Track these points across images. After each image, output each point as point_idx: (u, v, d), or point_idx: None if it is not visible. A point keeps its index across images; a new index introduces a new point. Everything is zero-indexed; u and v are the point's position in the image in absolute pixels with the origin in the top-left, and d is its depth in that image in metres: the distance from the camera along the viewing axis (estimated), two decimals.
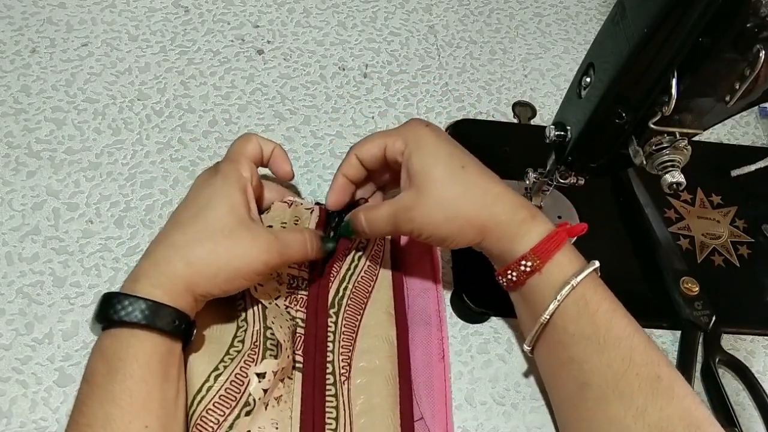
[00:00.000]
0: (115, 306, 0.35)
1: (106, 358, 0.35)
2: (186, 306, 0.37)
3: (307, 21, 0.66)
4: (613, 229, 0.55)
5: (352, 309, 0.44)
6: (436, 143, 0.41)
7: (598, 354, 0.37)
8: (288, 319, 0.42)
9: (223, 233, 0.38)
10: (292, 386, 0.40)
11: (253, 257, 0.38)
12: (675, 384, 0.36)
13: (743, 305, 0.52)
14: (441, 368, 0.44)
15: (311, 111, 0.59)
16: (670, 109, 0.37)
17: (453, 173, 0.40)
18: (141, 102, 0.57)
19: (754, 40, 0.33)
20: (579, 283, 0.38)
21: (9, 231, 0.48)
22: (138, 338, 0.35)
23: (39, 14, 0.61)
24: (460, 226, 0.40)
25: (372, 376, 0.41)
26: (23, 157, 0.52)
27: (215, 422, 0.36)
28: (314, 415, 0.39)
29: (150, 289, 0.36)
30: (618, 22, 0.37)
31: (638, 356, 0.37)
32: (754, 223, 0.57)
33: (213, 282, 0.37)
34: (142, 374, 0.34)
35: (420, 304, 0.47)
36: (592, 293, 0.39)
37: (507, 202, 0.40)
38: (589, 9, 0.73)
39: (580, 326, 0.38)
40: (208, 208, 0.39)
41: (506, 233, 0.40)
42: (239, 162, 0.42)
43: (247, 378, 0.38)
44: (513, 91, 0.64)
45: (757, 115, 0.67)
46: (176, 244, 0.38)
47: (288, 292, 0.44)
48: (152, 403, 0.34)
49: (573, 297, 0.38)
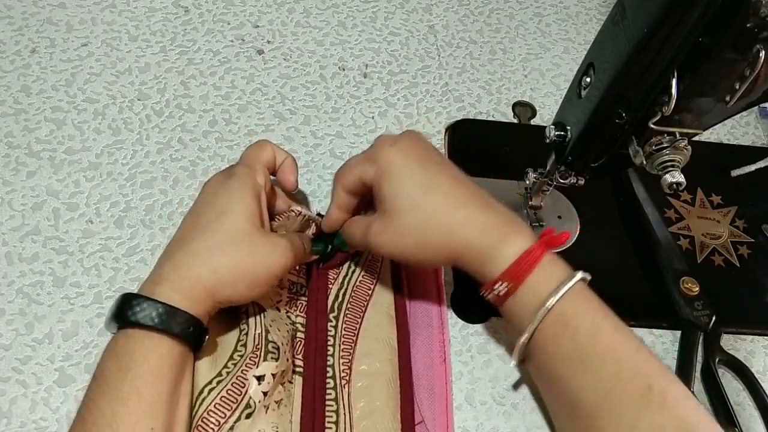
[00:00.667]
0: (134, 308, 0.35)
1: (117, 357, 0.35)
2: (202, 312, 0.37)
3: (307, 21, 0.66)
4: (613, 229, 0.55)
5: (352, 312, 0.44)
6: (400, 167, 0.40)
7: (583, 373, 0.37)
8: (288, 324, 0.42)
9: (243, 240, 0.38)
10: (292, 390, 0.40)
11: (273, 262, 0.39)
12: (668, 392, 0.35)
13: (743, 305, 0.52)
14: (442, 371, 0.44)
15: (311, 111, 0.59)
16: (670, 109, 0.37)
17: (415, 201, 0.39)
18: (141, 102, 0.57)
19: (754, 40, 0.33)
20: (556, 303, 0.37)
21: (9, 231, 0.48)
22: (152, 340, 0.35)
23: (39, 14, 0.61)
24: (430, 252, 0.40)
25: (373, 379, 0.41)
26: (23, 157, 0.52)
27: (216, 424, 0.36)
28: (314, 419, 0.39)
29: (171, 293, 0.36)
30: (618, 22, 0.37)
31: (626, 370, 0.36)
32: (754, 223, 0.57)
33: (234, 289, 0.38)
34: (152, 376, 0.34)
35: (422, 306, 0.47)
36: (573, 310, 0.37)
37: (474, 226, 0.39)
38: (589, 9, 0.73)
39: (562, 346, 0.37)
40: (226, 215, 0.39)
41: (477, 257, 0.39)
42: (254, 168, 0.43)
43: (247, 381, 0.38)
44: (513, 91, 0.64)
45: (757, 115, 0.67)
46: (197, 251, 0.38)
47: (289, 297, 0.44)
48: (159, 406, 0.34)
49: (551, 317, 0.37)
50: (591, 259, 0.53)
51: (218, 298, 0.38)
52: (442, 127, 0.60)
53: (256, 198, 0.41)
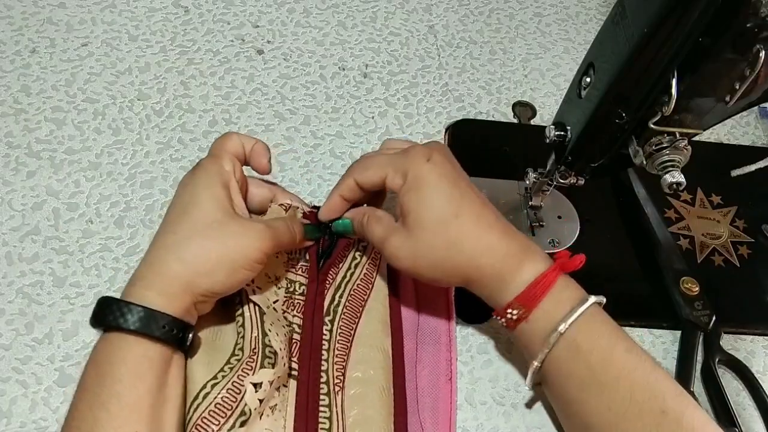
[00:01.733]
0: (113, 311, 0.35)
1: (96, 363, 0.35)
2: (182, 309, 0.36)
3: (307, 21, 0.66)
4: (613, 229, 0.55)
5: (347, 318, 0.43)
6: (434, 185, 0.39)
7: (597, 396, 0.36)
8: (284, 325, 0.42)
9: (212, 227, 0.38)
10: (286, 395, 0.40)
11: (247, 245, 0.38)
12: (683, 416, 0.35)
13: (743, 305, 0.52)
14: (447, 390, 0.44)
15: (311, 111, 0.59)
16: (670, 109, 0.37)
17: (444, 223, 0.39)
18: (141, 102, 0.57)
19: (754, 40, 0.33)
20: (569, 327, 0.37)
21: (9, 231, 0.48)
22: (128, 343, 0.35)
23: (39, 14, 0.61)
24: (445, 273, 0.40)
25: (366, 387, 0.40)
26: (23, 157, 0.52)
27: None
28: (307, 425, 0.39)
29: (144, 291, 0.36)
30: (618, 22, 0.37)
31: (640, 393, 0.35)
32: (754, 223, 0.57)
33: (212, 278, 0.37)
34: (131, 379, 0.34)
35: (430, 322, 0.46)
36: (586, 334, 0.37)
37: (497, 253, 0.39)
38: (589, 9, 0.73)
39: (575, 369, 0.37)
40: (193, 205, 0.39)
41: (491, 283, 0.39)
42: (220, 156, 0.42)
43: (244, 387, 0.37)
44: (513, 91, 0.64)
45: (757, 115, 0.67)
46: (167, 245, 0.37)
47: (286, 297, 0.43)
48: (142, 409, 0.34)
49: (564, 342, 0.37)
50: (591, 259, 0.52)
51: (197, 291, 0.37)
52: (442, 127, 0.60)
53: (223, 185, 0.40)
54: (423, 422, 0.42)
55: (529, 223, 0.53)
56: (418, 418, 0.42)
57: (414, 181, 0.40)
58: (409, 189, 0.40)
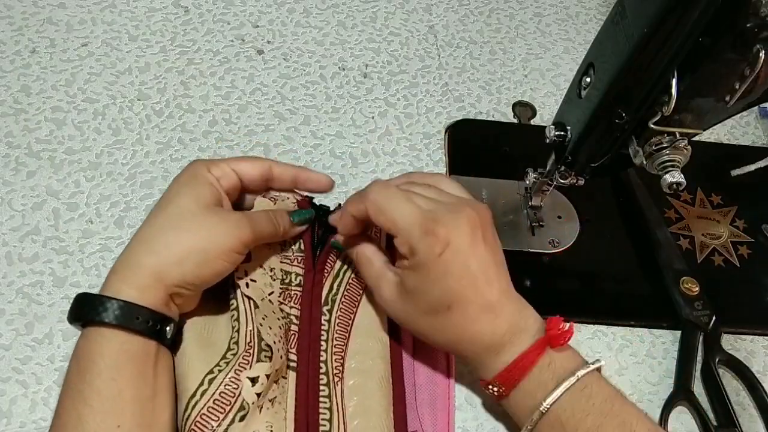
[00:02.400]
0: (91, 306, 0.35)
1: (77, 358, 0.35)
2: (158, 301, 0.36)
3: (307, 21, 0.66)
4: (613, 229, 0.55)
5: (345, 308, 0.43)
6: (434, 279, 0.37)
7: None
8: (281, 317, 0.42)
9: (185, 218, 0.38)
10: (286, 386, 0.40)
11: (222, 234, 0.38)
12: None
13: (743, 305, 0.52)
14: (446, 385, 0.43)
15: (311, 111, 0.59)
16: (670, 109, 0.37)
17: (433, 312, 0.38)
18: (141, 102, 0.57)
19: (754, 40, 0.33)
20: (552, 405, 0.36)
21: (9, 231, 0.48)
22: (105, 337, 0.35)
23: (39, 14, 0.61)
24: (433, 340, 0.40)
25: (365, 377, 0.41)
26: (23, 157, 0.52)
27: (210, 428, 0.36)
28: (308, 416, 0.39)
29: (119, 285, 0.36)
30: (618, 22, 0.37)
31: None
32: (754, 223, 0.57)
33: (182, 268, 0.37)
34: (110, 373, 0.34)
35: None
36: (570, 412, 0.36)
37: (482, 341, 0.38)
38: (589, 9, 0.73)
39: None
40: (171, 201, 0.39)
41: (472, 363, 0.40)
42: (213, 162, 0.41)
43: (240, 381, 0.37)
44: (513, 91, 0.64)
45: (757, 115, 0.67)
46: (141, 239, 0.38)
47: (282, 288, 0.43)
48: (124, 403, 0.34)
49: (547, 420, 0.36)
50: (591, 259, 0.53)
51: (168, 281, 0.36)
52: (442, 127, 0.60)
53: (204, 183, 0.40)
54: (421, 417, 0.42)
55: (529, 223, 0.53)
56: (417, 413, 0.42)
57: (418, 266, 0.37)
58: (413, 266, 0.38)
